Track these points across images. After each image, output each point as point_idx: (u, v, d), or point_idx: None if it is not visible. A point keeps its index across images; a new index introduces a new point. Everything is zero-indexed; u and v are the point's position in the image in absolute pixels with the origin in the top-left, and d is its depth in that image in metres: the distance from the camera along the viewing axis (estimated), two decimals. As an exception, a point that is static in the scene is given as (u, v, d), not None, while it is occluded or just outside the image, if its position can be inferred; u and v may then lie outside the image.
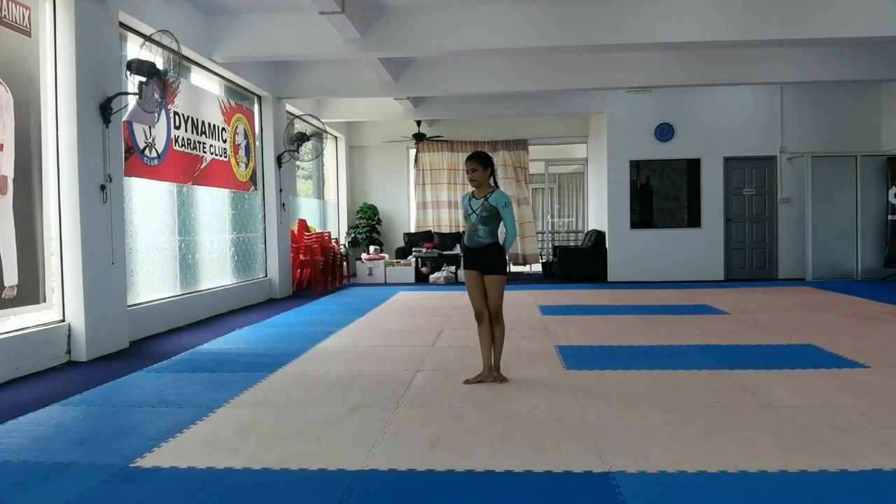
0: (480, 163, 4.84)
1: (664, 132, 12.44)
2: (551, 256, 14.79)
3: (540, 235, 15.87)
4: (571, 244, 16.40)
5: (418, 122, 14.59)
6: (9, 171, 5.39)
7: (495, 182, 4.97)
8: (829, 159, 11.97)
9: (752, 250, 12.58)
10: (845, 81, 10.75)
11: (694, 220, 12.54)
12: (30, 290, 5.60)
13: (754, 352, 5.87)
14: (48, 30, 5.89)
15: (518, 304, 9.32)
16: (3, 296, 5.29)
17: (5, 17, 5.36)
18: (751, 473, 3.09)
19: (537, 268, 15.29)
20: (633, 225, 12.58)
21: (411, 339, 6.73)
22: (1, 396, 4.77)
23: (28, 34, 5.63)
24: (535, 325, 7.48)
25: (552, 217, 16.68)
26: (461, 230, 15.04)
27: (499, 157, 15.10)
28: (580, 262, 12.89)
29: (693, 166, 12.52)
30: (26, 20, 5.61)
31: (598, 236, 13.09)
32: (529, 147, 15.17)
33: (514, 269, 15.33)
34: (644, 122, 12.45)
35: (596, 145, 14.19)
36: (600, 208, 13.53)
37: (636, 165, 12.59)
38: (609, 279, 12.53)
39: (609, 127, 12.53)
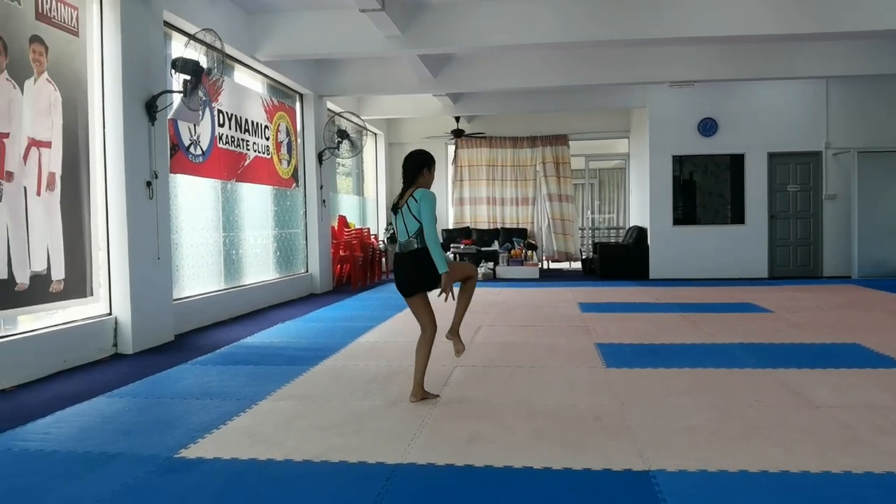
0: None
1: (707, 127, 12.23)
2: (591, 253, 14.67)
3: (580, 232, 15.74)
4: (612, 241, 16.25)
5: (457, 119, 14.59)
6: (57, 167, 5.55)
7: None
8: (876, 155, 11.64)
9: (797, 247, 12.30)
10: (892, 75, 10.42)
11: (737, 217, 12.32)
12: (77, 285, 5.75)
13: (798, 350, 5.75)
14: (95, 29, 6.04)
15: (557, 301, 9.27)
16: (50, 289, 5.45)
17: (54, 17, 5.51)
18: (793, 474, 3.03)
19: (577, 265, 15.18)
20: (676, 221, 12.41)
21: (450, 334, 6.73)
22: (49, 388, 4.92)
23: (76, 34, 5.78)
24: (575, 322, 7.43)
25: (592, 213, 16.53)
26: (500, 226, 15.01)
27: (539, 153, 15.04)
28: (621, 259, 12.76)
29: (737, 162, 12.29)
30: (74, 20, 5.76)
31: (640, 233, 12.94)
32: (570, 142, 15.06)
33: (552, 265, 15.25)
34: (687, 116, 12.25)
35: (638, 140, 14.03)
36: (642, 204, 13.37)
37: (679, 161, 12.41)
38: (651, 276, 12.37)
39: (651, 122, 12.37)
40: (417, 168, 4.33)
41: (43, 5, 5.38)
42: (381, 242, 13.76)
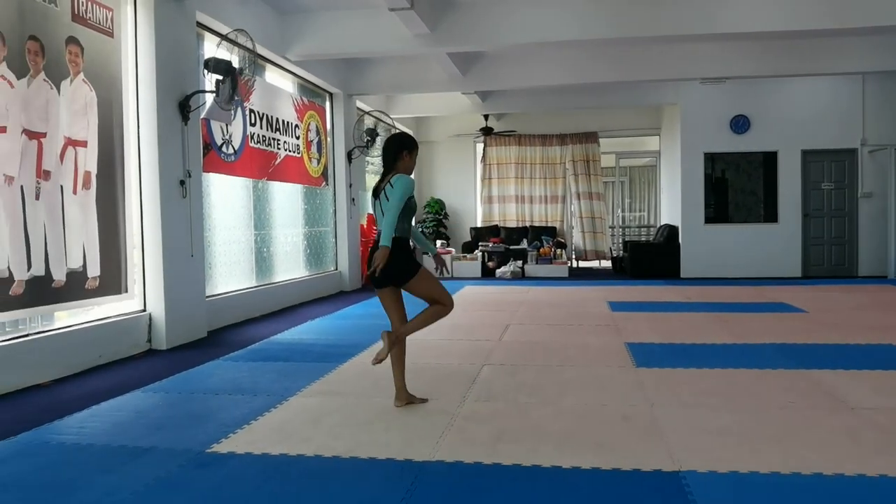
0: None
1: (740, 124, 12.06)
2: (622, 252, 14.56)
3: (610, 230, 15.63)
4: (643, 239, 16.11)
5: (486, 117, 14.57)
6: (93, 166, 5.65)
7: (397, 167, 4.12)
8: (915, 152, 11.39)
9: (831, 246, 12.08)
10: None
11: (771, 215, 12.13)
12: (112, 281, 5.86)
13: (832, 351, 5.65)
14: (129, 30, 6.14)
15: (586, 299, 9.23)
16: (86, 286, 5.56)
17: (89, 18, 5.62)
18: (827, 476, 2.98)
19: (607, 264, 15.08)
20: (708, 219, 12.26)
21: (477, 333, 6.74)
22: (85, 383, 5.02)
23: (111, 35, 5.88)
24: (605, 321, 7.39)
25: (623, 211, 16.40)
26: (528, 224, 14.96)
27: (568, 151, 14.95)
28: (652, 258, 12.64)
29: (770, 159, 12.10)
30: (109, 21, 5.86)
31: (671, 231, 12.81)
32: (600, 140, 14.96)
33: (582, 264, 15.17)
34: (719, 113, 12.09)
35: (669, 137, 13.88)
36: (673, 202, 13.23)
37: (711, 158, 12.26)
38: (682, 275, 12.25)
39: (682, 119, 12.24)
40: (396, 151, 4.09)
41: (79, 7, 5.49)
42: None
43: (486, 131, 14.74)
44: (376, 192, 4.07)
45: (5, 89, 4.79)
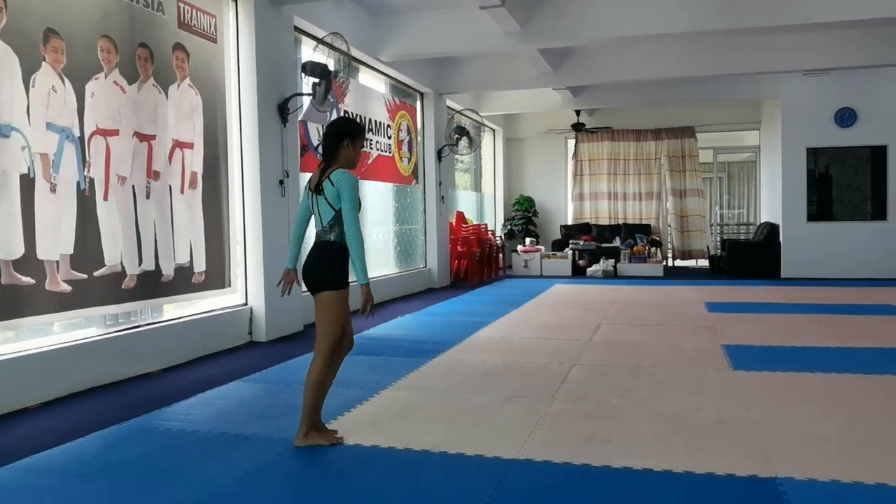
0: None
1: (845, 117, 11.41)
2: (719, 250, 14.08)
3: (708, 228, 15.13)
4: (741, 237, 15.52)
5: (577, 112, 14.39)
6: (198, 167, 5.95)
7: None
8: None
9: (946, 246, 11.28)
10: None
11: (879, 213, 11.42)
12: (216, 276, 6.16)
13: (952, 358, 5.30)
14: (231, 36, 6.42)
15: (682, 299, 8.99)
16: (192, 281, 5.86)
17: (194, 25, 5.91)
18: (943, 492, 2.81)
19: (704, 263, 14.62)
20: (811, 217, 11.67)
21: (567, 332, 6.69)
22: (190, 372, 5.30)
23: (214, 41, 6.17)
24: (701, 322, 7.18)
25: (721, 209, 15.84)
26: (621, 222, 14.68)
27: (663, 146, 14.57)
28: (751, 257, 12.17)
29: (878, 154, 11.37)
30: (212, 28, 6.15)
31: (772, 229, 12.28)
32: (697, 135, 14.51)
33: (678, 263, 14.76)
34: (822, 106, 11.48)
35: (769, 132, 13.31)
36: (774, 199, 12.68)
37: (814, 153, 11.66)
38: (782, 275, 11.73)
39: (784, 112, 11.70)
40: (335, 140, 3.52)
41: (184, 14, 5.78)
42: (498, 238, 13.81)
43: (578, 127, 14.55)
44: (315, 187, 3.50)
45: (117, 94, 5.10)
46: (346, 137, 3.52)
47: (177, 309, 5.89)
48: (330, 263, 3.49)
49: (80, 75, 4.77)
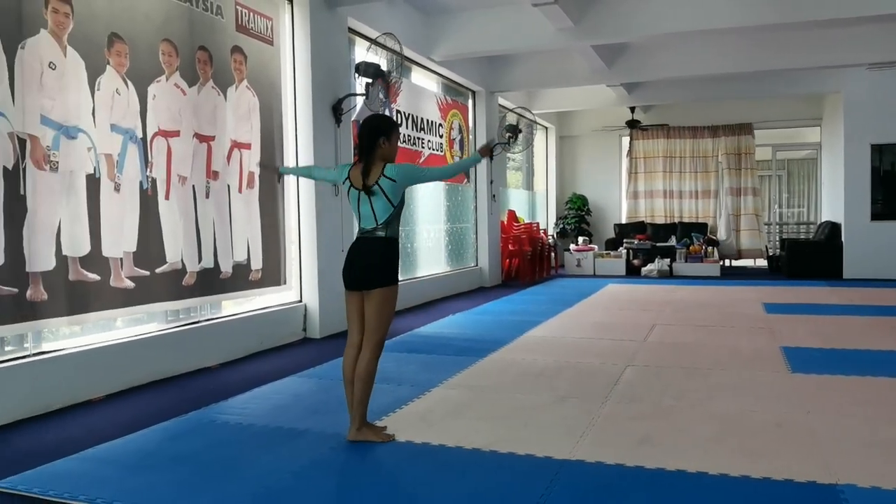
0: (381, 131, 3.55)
1: (912, 112, 10.98)
2: (778, 250, 13.70)
3: (766, 227, 14.75)
4: (801, 237, 15.08)
5: (632, 109, 14.19)
6: (256, 167, 6.07)
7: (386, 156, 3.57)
8: None
9: None
10: None
11: (948, 212, 10.97)
12: (272, 274, 6.28)
13: None
14: (287, 38, 6.53)
15: (739, 300, 8.79)
16: (249, 278, 5.99)
17: (252, 28, 6.04)
18: None
19: (762, 263, 14.25)
20: (875, 216, 11.24)
21: (621, 332, 6.61)
22: (247, 367, 5.41)
23: (270, 43, 6.29)
24: (758, 323, 7.01)
25: (780, 207, 15.42)
26: (677, 221, 14.42)
27: (720, 144, 14.26)
28: (811, 257, 11.81)
29: (950, 150, 10.93)
30: (269, 30, 6.26)
31: (833, 228, 11.90)
32: (755, 131, 14.15)
33: (735, 263, 14.43)
34: (888, 101, 11.03)
35: (831, 128, 12.89)
36: (835, 197, 12.27)
37: (878, 150, 11.22)
38: (844, 276, 11.35)
39: (846, 108, 11.30)
40: (373, 138, 3.52)
41: (242, 17, 5.91)
42: (550, 237, 13.72)
43: (633, 124, 14.34)
44: (365, 188, 3.49)
45: (178, 96, 5.25)
46: (381, 135, 3.53)
47: (234, 305, 6.04)
48: (386, 261, 3.53)
49: (142, 78, 4.92)
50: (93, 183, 4.55)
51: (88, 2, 4.52)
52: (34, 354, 4.27)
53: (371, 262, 3.52)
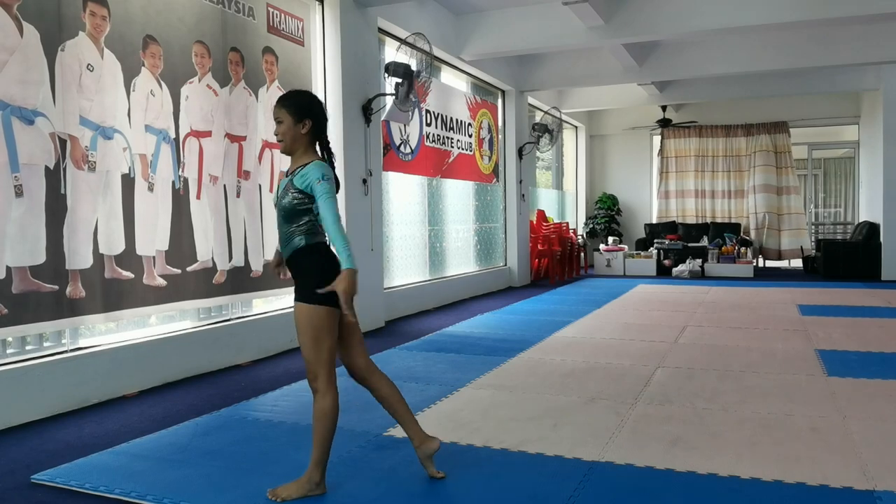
0: (290, 110, 2.92)
1: (957, 109, 10.70)
2: (814, 250, 13.46)
3: (813, 226, 14.47)
4: (838, 237, 14.79)
5: (663, 108, 14.04)
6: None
7: (325, 149, 3.03)
8: None
9: None
10: None
11: None
12: (303, 273, 6.32)
13: None
14: (318, 39, 6.58)
15: (773, 301, 8.65)
16: (281, 277, 6.02)
17: (283, 29, 6.09)
18: None
19: (797, 263, 14.00)
20: (916, 216, 11.01)
21: (651, 333, 6.54)
22: (277, 364, 5.46)
23: (301, 44, 6.34)
24: (793, 325, 6.89)
25: (816, 207, 15.14)
26: (709, 221, 14.23)
27: (754, 142, 14.04)
28: (848, 258, 11.58)
29: None
30: (300, 31, 6.31)
31: (871, 228, 11.65)
32: (791, 129, 13.91)
33: (769, 263, 14.20)
34: (930, 98, 10.81)
35: (869, 126, 12.61)
36: (874, 197, 12.01)
37: (920, 148, 10.99)
38: (883, 277, 11.11)
39: (886, 105, 11.05)
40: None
41: (273, 18, 5.96)
42: (580, 237, 13.64)
43: (664, 123, 14.20)
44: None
45: (210, 97, 5.31)
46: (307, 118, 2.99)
47: (265, 304, 6.10)
48: (320, 268, 2.90)
49: (175, 79, 4.99)
50: (128, 182, 4.63)
51: (124, 5, 4.60)
52: (71, 350, 4.36)
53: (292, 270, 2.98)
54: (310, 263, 2.87)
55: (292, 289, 2.94)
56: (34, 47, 4.04)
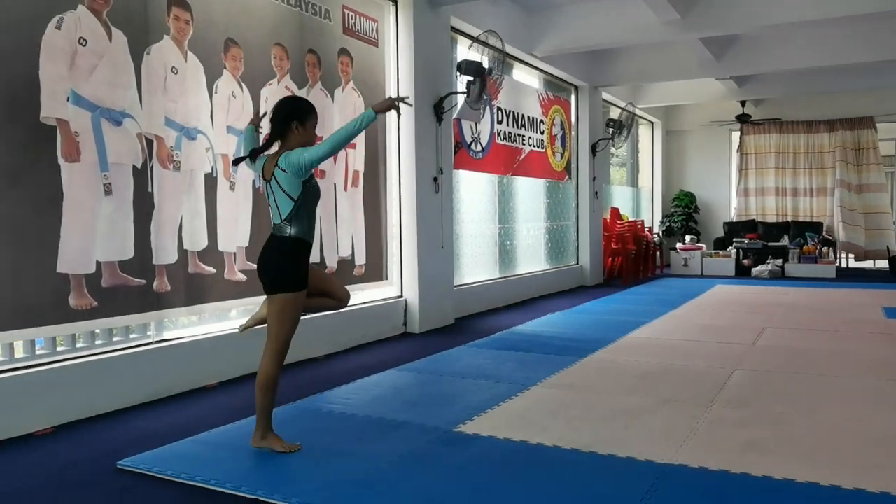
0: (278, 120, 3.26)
1: None
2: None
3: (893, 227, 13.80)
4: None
5: (742, 103, 13.62)
6: (360, 166, 6.25)
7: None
8: None
9: None
10: None
11: None
12: (375, 269, 6.44)
13: None
14: (391, 39, 6.67)
15: (856, 304, 8.29)
16: (354, 273, 6.16)
17: (358, 30, 6.20)
18: None
19: (883, 264, 13.36)
20: None
21: (729, 335, 6.37)
22: (350, 359, 5.59)
23: (375, 45, 6.44)
24: (878, 328, 6.60)
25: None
26: (790, 219, 13.73)
27: (838, 138, 13.46)
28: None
29: None
30: (374, 32, 6.42)
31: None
32: (877, 125, 13.28)
33: (853, 264, 13.60)
34: None
35: (967, 120, 11.93)
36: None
37: None
38: (981, 280, 10.51)
39: None
40: (284, 123, 3.24)
41: (349, 20, 6.08)
42: (655, 235, 13.38)
43: (743, 118, 13.76)
44: (267, 176, 3.25)
45: (290, 99, 5.46)
46: (294, 119, 3.26)
47: (339, 299, 6.23)
48: (289, 262, 3.24)
49: (255, 81, 5.16)
50: (210, 181, 4.82)
51: (207, 9, 4.78)
52: (156, 342, 4.57)
53: (270, 263, 3.27)
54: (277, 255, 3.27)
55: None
56: (122, 51, 4.24)
